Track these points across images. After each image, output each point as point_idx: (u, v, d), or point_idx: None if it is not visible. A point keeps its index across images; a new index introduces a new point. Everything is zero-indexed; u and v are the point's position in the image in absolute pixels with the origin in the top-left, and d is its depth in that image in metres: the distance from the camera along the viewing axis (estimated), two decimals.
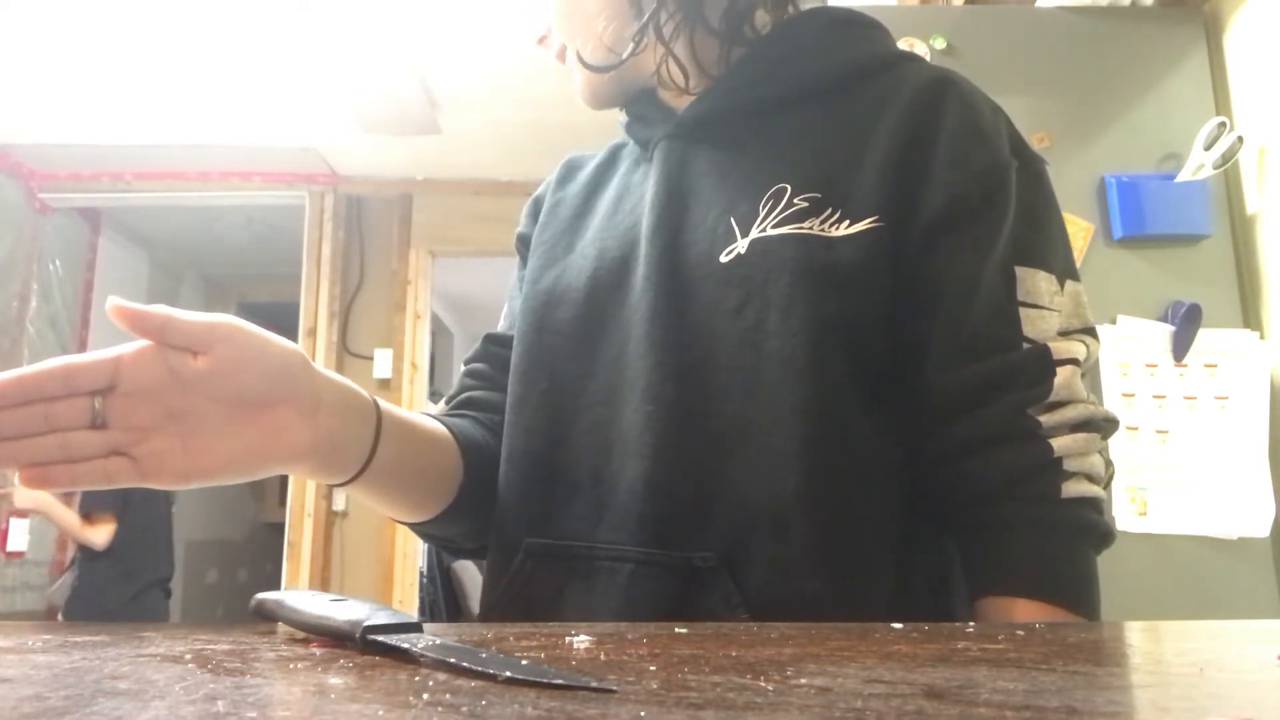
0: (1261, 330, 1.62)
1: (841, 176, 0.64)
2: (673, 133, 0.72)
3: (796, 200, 0.64)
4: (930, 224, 0.63)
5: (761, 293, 0.62)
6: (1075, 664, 0.32)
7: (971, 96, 0.67)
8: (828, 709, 0.24)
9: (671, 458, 0.62)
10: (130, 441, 0.51)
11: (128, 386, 0.51)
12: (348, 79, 3.06)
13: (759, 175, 0.67)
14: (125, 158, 3.73)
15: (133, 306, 0.50)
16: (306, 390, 0.56)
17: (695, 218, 0.68)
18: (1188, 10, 1.77)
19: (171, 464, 0.52)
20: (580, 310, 0.70)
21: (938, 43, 1.74)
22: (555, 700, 0.25)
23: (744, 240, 0.64)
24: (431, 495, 0.70)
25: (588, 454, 0.66)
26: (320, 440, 0.56)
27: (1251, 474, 1.55)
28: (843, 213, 0.63)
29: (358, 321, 3.89)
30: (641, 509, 0.62)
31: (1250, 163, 1.67)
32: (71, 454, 0.50)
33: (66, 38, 2.84)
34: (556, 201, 0.81)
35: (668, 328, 0.64)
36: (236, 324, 0.54)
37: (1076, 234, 1.67)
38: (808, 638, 0.38)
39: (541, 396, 0.70)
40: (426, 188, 3.94)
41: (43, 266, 3.96)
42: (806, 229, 0.62)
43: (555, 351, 0.70)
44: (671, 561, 0.60)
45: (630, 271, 0.68)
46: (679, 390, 0.63)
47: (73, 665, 0.31)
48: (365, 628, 0.35)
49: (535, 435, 0.69)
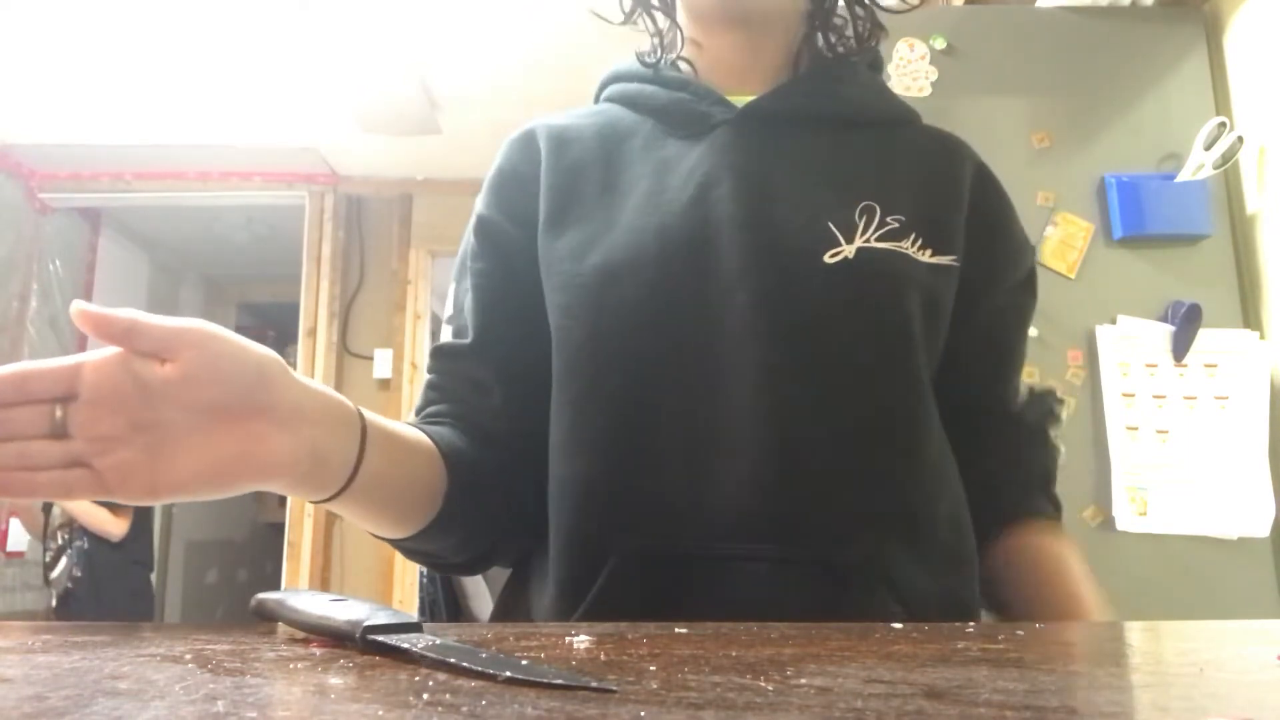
0: (1261, 330, 1.62)
1: (925, 210, 0.70)
2: (740, 119, 0.72)
3: (889, 220, 0.68)
4: (1013, 286, 0.77)
5: (873, 299, 0.66)
6: (1075, 664, 0.32)
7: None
8: (828, 709, 0.24)
9: (792, 455, 0.62)
10: (93, 452, 0.48)
11: (90, 395, 0.48)
12: (348, 79, 3.06)
13: (844, 187, 0.70)
14: (125, 158, 3.73)
15: (97, 310, 0.47)
16: (285, 400, 0.52)
17: (784, 213, 0.67)
18: (1188, 10, 1.77)
19: (136, 477, 0.48)
20: (650, 291, 0.66)
21: (938, 43, 1.74)
22: (555, 700, 0.25)
23: (850, 246, 0.66)
24: (417, 508, 0.65)
25: (681, 448, 0.63)
26: (300, 453, 0.52)
27: (1251, 474, 1.55)
28: (925, 241, 0.69)
29: (358, 321, 3.89)
30: (763, 508, 0.61)
31: (1250, 163, 1.67)
32: (28, 463, 0.47)
33: (67, 38, 2.83)
34: (568, 173, 0.73)
35: (776, 323, 0.64)
36: (208, 329, 0.50)
37: (1077, 234, 1.67)
38: (808, 638, 0.38)
39: (618, 382, 0.65)
40: (426, 188, 3.94)
41: (43, 266, 3.96)
42: (905, 249, 0.68)
43: (624, 335, 0.66)
44: (810, 561, 0.60)
45: (710, 255, 0.66)
46: (794, 387, 0.63)
47: (73, 665, 0.31)
48: (365, 628, 0.35)
49: (614, 425, 0.65)
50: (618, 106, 0.78)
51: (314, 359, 3.75)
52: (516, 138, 0.78)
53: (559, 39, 2.79)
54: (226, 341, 0.50)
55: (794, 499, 0.61)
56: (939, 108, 1.71)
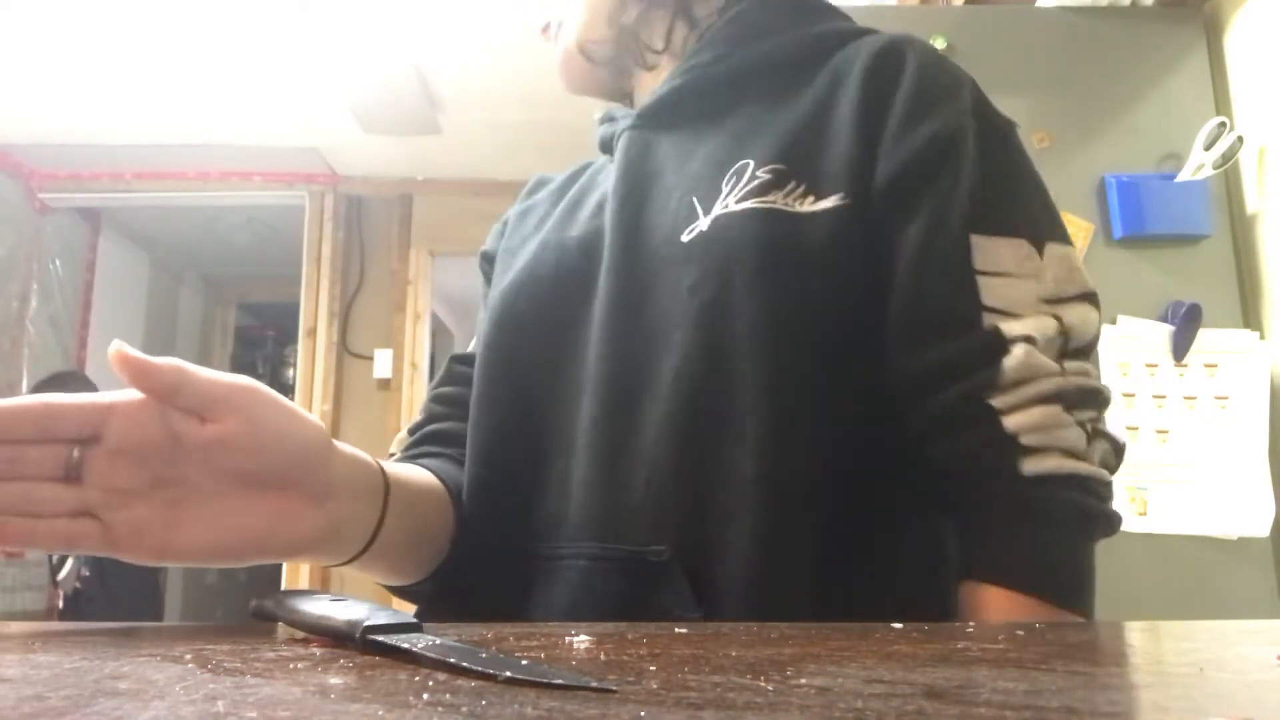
0: (1261, 330, 1.62)
1: (805, 151, 0.61)
2: (634, 123, 0.72)
3: (760, 174, 0.60)
4: (882, 194, 0.59)
5: (723, 269, 0.58)
6: (1075, 664, 0.32)
7: (929, 57, 0.63)
8: (828, 709, 0.24)
9: (615, 451, 0.59)
10: (105, 504, 0.43)
11: (115, 442, 0.43)
12: (348, 79, 3.06)
13: (720, 153, 0.64)
14: (125, 158, 3.73)
15: (139, 357, 0.43)
16: (321, 477, 0.49)
17: (658, 203, 0.65)
18: (1188, 10, 1.77)
19: (149, 538, 0.44)
20: (543, 304, 0.67)
21: (938, 43, 1.74)
22: (555, 700, 0.25)
23: (706, 218, 0.60)
24: (425, 559, 0.64)
25: (552, 453, 0.63)
26: (325, 531, 0.49)
27: (1251, 474, 1.55)
28: (807, 187, 0.59)
29: (358, 321, 3.89)
30: (591, 507, 0.59)
31: (1250, 163, 1.67)
32: (34, 508, 0.42)
33: (66, 37, 2.83)
34: (523, 210, 0.80)
35: (623, 317, 0.61)
36: (258, 392, 0.46)
37: (1076, 234, 1.67)
38: (808, 638, 0.38)
39: (505, 394, 0.66)
40: (426, 188, 3.94)
41: (43, 266, 3.96)
42: (770, 202, 0.59)
43: (518, 348, 0.67)
44: (622, 557, 0.56)
45: (596, 261, 0.66)
46: (626, 380, 0.60)
47: (73, 665, 0.31)
48: (365, 628, 0.35)
49: (502, 435, 0.65)
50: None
51: (314, 359, 3.75)
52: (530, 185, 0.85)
53: None
54: (274, 410, 0.47)
55: (619, 495, 0.58)
56: None
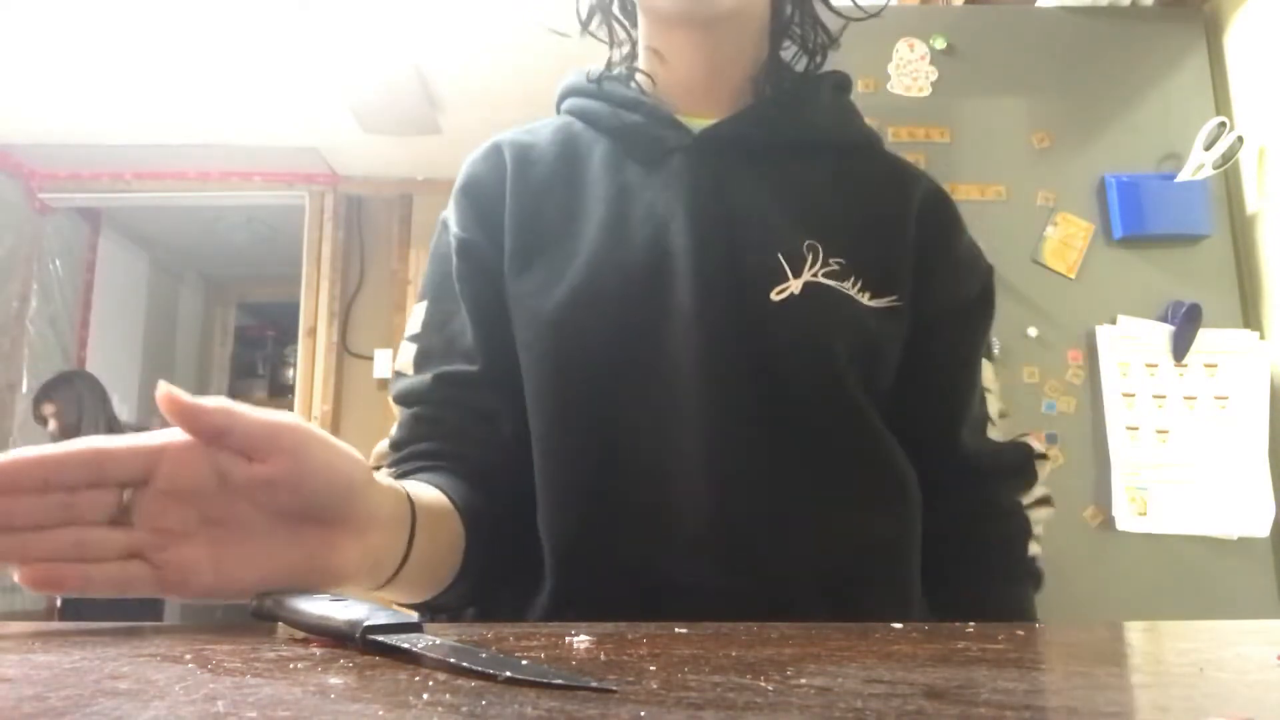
0: (1261, 330, 1.62)
1: (868, 250, 0.71)
2: (696, 146, 0.72)
3: (831, 262, 0.69)
4: (942, 312, 0.74)
5: (819, 337, 0.67)
6: (1075, 664, 0.32)
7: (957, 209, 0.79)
8: (828, 709, 0.24)
9: (743, 489, 0.64)
10: (154, 545, 0.44)
11: (166, 484, 0.44)
12: (348, 79, 3.06)
13: (796, 220, 0.71)
14: (125, 158, 3.73)
15: (186, 399, 0.43)
16: (362, 511, 0.49)
17: (737, 247, 0.68)
18: (1188, 10, 1.77)
19: (197, 577, 0.44)
20: (611, 332, 0.67)
21: (938, 43, 1.74)
22: (555, 700, 0.25)
23: (797, 282, 0.68)
24: (440, 578, 0.65)
25: (643, 482, 0.66)
26: (365, 563, 0.50)
27: (1251, 474, 1.55)
28: (864, 284, 0.70)
29: (358, 321, 3.89)
30: (717, 538, 0.63)
31: (1250, 163, 1.67)
32: (86, 553, 0.42)
33: (66, 37, 2.83)
34: (533, 197, 0.73)
35: (724, 361, 0.66)
36: (305, 431, 0.46)
37: (1077, 234, 1.67)
38: (808, 638, 0.38)
39: (583, 422, 0.67)
40: (426, 188, 3.94)
41: (43, 266, 3.96)
42: (846, 288, 0.69)
43: (589, 377, 0.67)
44: (752, 590, 0.63)
45: (665, 289, 0.67)
46: (744, 423, 0.65)
47: (73, 665, 0.31)
48: (365, 628, 0.35)
49: (584, 464, 0.67)
50: (578, 122, 0.78)
51: (314, 359, 3.76)
52: (481, 154, 0.77)
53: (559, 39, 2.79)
54: (321, 448, 0.47)
55: (748, 532, 0.64)
56: (939, 107, 1.71)
